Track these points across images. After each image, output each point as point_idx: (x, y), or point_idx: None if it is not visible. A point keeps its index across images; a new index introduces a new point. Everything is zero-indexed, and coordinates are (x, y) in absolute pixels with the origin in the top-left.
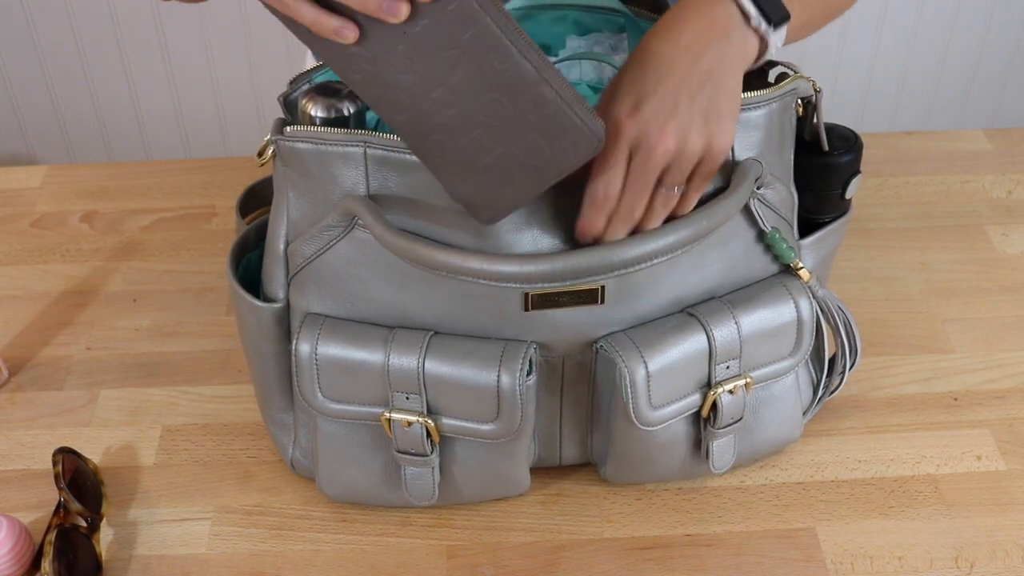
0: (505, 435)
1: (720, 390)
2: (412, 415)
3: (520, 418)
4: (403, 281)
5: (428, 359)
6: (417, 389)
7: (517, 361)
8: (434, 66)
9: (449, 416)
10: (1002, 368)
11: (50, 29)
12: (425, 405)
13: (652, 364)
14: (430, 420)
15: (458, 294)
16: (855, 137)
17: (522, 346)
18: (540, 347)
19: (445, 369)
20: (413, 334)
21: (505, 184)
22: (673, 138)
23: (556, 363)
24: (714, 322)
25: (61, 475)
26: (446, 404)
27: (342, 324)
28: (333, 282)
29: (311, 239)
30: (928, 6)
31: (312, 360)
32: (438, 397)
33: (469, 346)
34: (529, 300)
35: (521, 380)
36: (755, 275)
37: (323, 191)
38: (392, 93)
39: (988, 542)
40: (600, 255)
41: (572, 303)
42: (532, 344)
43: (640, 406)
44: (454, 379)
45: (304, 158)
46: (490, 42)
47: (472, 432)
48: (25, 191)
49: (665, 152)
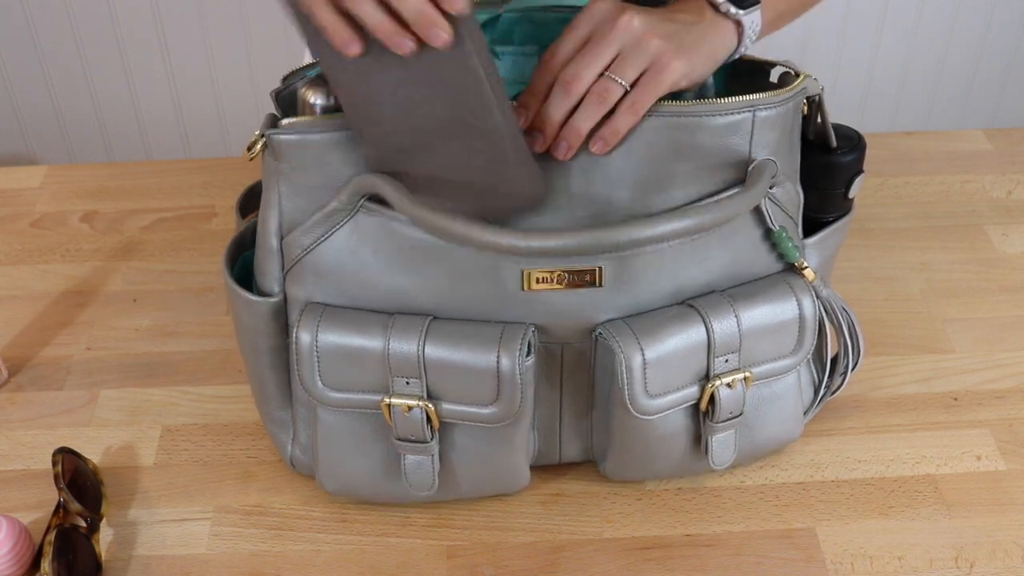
0: (505, 418)
1: (718, 383)
2: (412, 399)
3: (520, 400)
4: (404, 263)
5: (428, 343)
6: (417, 373)
7: (516, 342)
8: (418, 96)
9: (449, 401)
10: (1002, 368)
11: (50, 29)
12: (425, 389)
13: (649, 352)
14: (430, 404)
15: (458, 273)
16: (858, 137)
17: (521, 328)
18: (539, 330)
19: (445, 352)
20: (412, 319)
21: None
22: (637, 20)
23: (555, 350)
24: (714, 314)
25: (61, 475)
26: (446, 388)
27: (342, 312)
28: (333, 270)
29: (311, 228)
30: (928, 6)
31: (313, 348)
32: (438, 381)
33: (468, 330)
34: (527, 277)
35: (520, 361)
36: (758, 272)
37: (321, 179)
38: (370, 106)
39: (988, 542)
40: (608, 233)
41: (571, 285)
42: (531, 326)
43: (636, 393)
44: (454, 362)
45: (301, 149)
46: (476, 96)
47: (472, 416)
48: (25, 191)
49: (627, 26)
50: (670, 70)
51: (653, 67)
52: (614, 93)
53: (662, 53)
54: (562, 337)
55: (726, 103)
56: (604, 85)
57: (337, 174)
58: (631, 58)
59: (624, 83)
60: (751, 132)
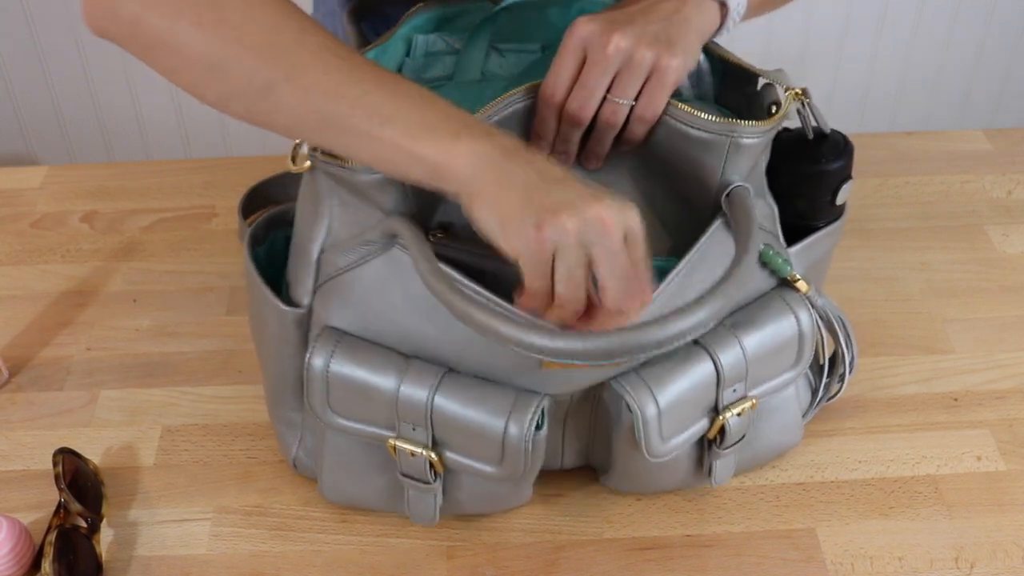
0: (509, 479)
1: (728, 415)
2: (417, 447)
3: (524, 466)
4: (429, 309)
5: (439, 395)
6: (424, 423)
7: (527, 414)
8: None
9: (454, 451)
10: (1002, 368)
11: (50, 29)
12: (431, 439)
13: (663, 400)
14: (433, 454)
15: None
16: (845, 142)
17: (534, 398)
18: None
19: (454, 408)
20: (428, 367)
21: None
22: (625, 39)
23: (564, 400)
24: (719, 348)
25: (61, 475)
26: (452, 440)
27: (358, 344)
28: (360, 298)
29: (348, 251)
30: (928, 6)
31: (324, 376)
32: (444, 433)
33: (482, 390)
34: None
35: (529, 434)
36: (753, 292)
37: (367, 209)
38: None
39: (988, 542)
40: (632, 337)
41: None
42: (545, 397)
43: (652, 442)
44: (462, 420)
45: (344, 181)
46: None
47: (476, 471)
48: (25, 191)
49: (616, 49)
50: (670, 72)
51: (653, 75)
52: (622, 114)
53: (658, 59)
54: (573, 393)
55: (704, 121)
56: (611, 109)
57: (377, 209)
58: (629, 78)
59: (629, 102)
60: (725, 156)
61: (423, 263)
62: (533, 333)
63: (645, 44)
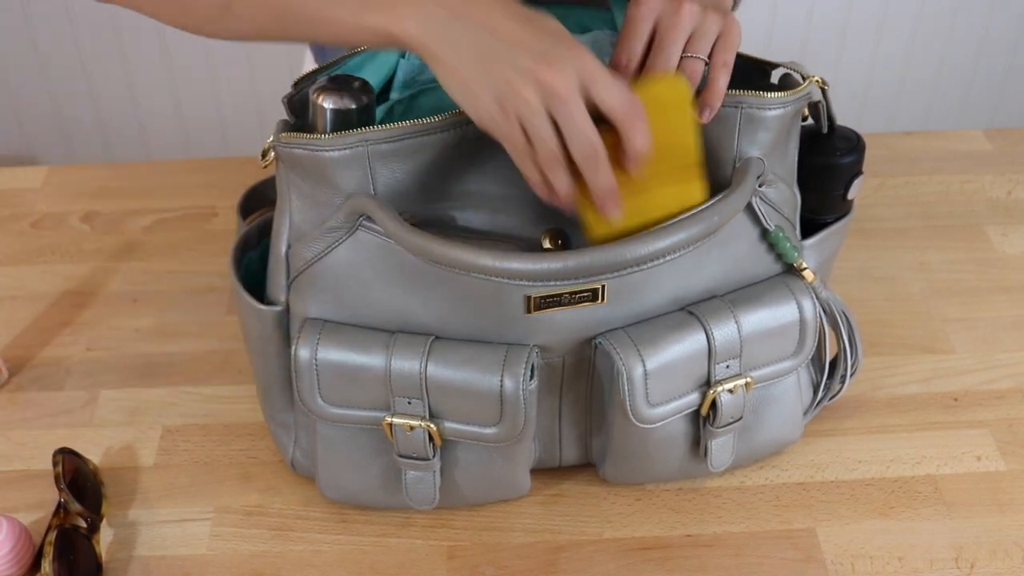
0: (508, 439)
1: (720, 389)
2: (414, 419)
3: (523, 422)
4: (405, 283)
5: (431, 362)
6: (419, 393)
7: (520, 366)
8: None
9: (451, 420)
10: (1002, 368)
11: (50, 29)
12: (427, 409)
13: (650, 362)
14: (432, 424)
15: (460, 295)
16: (857, 138)
17: (524, 351)
18: (540, 349)
19: (447, 373)
20: (414, 338)
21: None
22: (695, 5)
23: (556, 363)
24: (714, 321)
25: (61, 476)
26: (448, 408)
27: (342, 328)
28: (333, 286)
29: (312, 242)
30: (928, 6)
31: (312, 365)
32: (440, 401)
33: (471, 351)
34: (531, 302)
35: (524, 385)
36: (757, 275)
37: (325, 195)
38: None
39: (988, 542)
40: (609, 254)
41: (572, 303)
42: (534, 348)
43: (638, 404)
44: (457, 384)
45: (304, 163)
46: None
47: (475, 436)
48: (25, 191)
49: (691, 13)
50: (734, 32)
51: (723, 35)
52: (700, 70)
53: (724, 20)
54: (563, 350)
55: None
56: (691, 66)
57: (339, 191)
58: (703, 38)
59: (704, 57)
60: (738, 129)
61: (394, 224)
62: (514, 259)
63: (712, 9)
